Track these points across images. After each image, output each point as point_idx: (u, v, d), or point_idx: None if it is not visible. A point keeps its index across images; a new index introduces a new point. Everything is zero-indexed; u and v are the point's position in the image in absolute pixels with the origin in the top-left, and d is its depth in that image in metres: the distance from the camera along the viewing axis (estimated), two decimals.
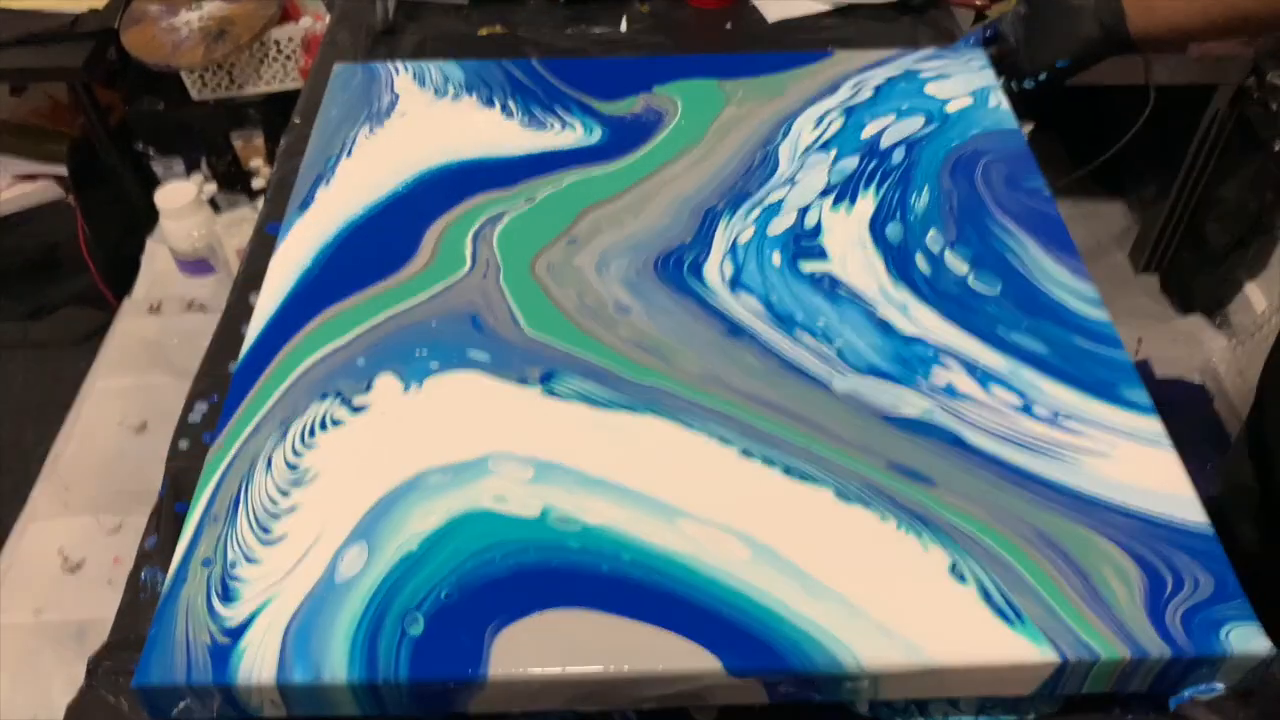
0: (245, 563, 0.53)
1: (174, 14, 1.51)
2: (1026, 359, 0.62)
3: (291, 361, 0.63)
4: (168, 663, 0.49)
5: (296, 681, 0.49)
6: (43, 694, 1.01)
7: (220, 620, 0.51)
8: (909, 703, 0.53)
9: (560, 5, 1.16)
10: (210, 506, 0.56)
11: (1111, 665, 0.49)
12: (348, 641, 0.50)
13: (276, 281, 0.69)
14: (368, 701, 0.50)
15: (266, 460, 0.57)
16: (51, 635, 1.06)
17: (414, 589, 0.51)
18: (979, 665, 0.49)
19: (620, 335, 0.64)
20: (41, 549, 1.16)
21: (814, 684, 0.50)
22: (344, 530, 0.54)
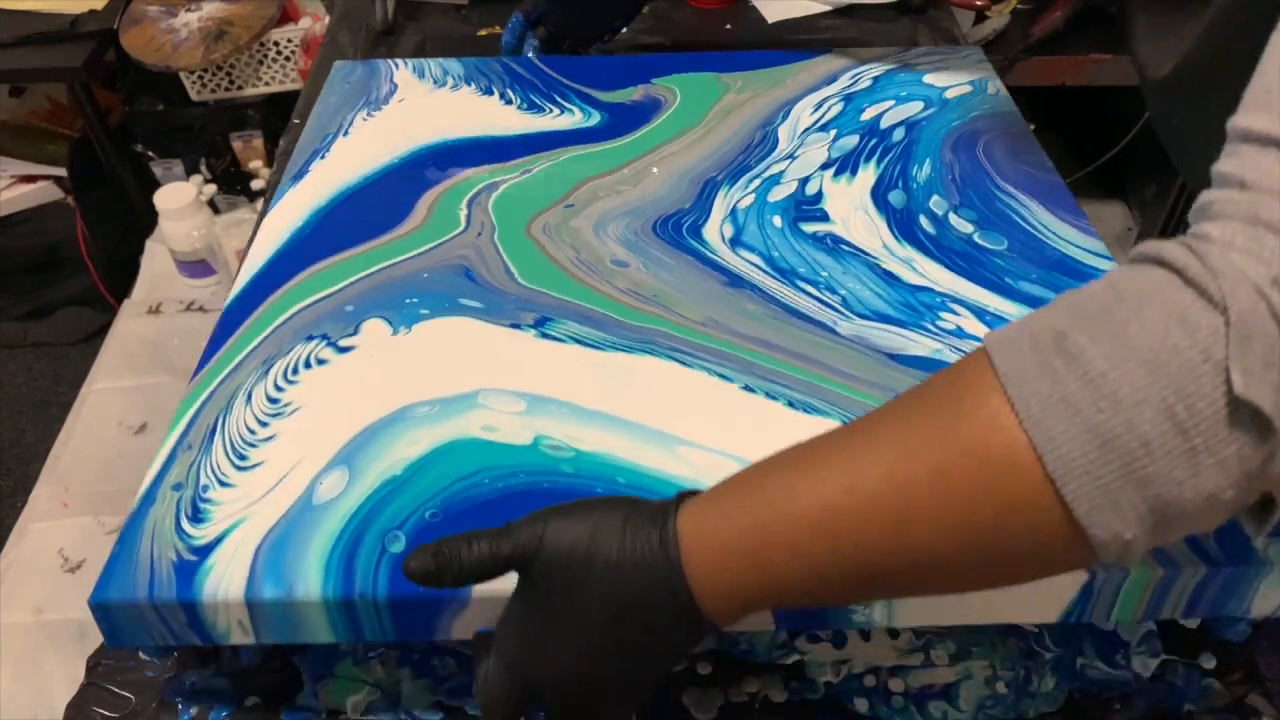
0: (218, 486, 0.51)
1: (173, 15, 1.51)
2: (1038, 305, 0.61)
3: (278, 308, 0.62)
4: (129, 580, 0.47)
5: (266, 598, 0.46)
6: (43, 693, 1.01)
7: (188, 539, 0.48)
8: (908, 702, 0.53)
9: None
10: (184, 436, 0.54)
11: (1142, 583, 0.46)
12: (323, 558, 0.47)
13: (266, 239, 0.68)
14: (342, 623, 0.47)
15: (247, 394, 0.56)
16: (52, 635, 1.06)
17: (396, 510, 0.49)
18: None
19: (617, 286, 0.63)
20: (42, 549, 1.16)
21: (825, 610, 0.48)
22: (324, 456, 0.52)
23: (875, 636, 0.54)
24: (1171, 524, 0.32)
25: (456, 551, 0.40)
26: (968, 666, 0.53)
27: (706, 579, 0.37)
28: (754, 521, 0.37)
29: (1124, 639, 0.53)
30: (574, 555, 0.38)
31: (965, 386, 0.35)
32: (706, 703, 0.52)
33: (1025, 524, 0.33)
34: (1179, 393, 0.30)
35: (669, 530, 0.38)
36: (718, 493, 0.39)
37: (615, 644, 0.39)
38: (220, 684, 0.53)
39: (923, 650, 0.53)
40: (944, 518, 0.34)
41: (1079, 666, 0.53)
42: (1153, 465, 0.31)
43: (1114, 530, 0.32)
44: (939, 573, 0.36)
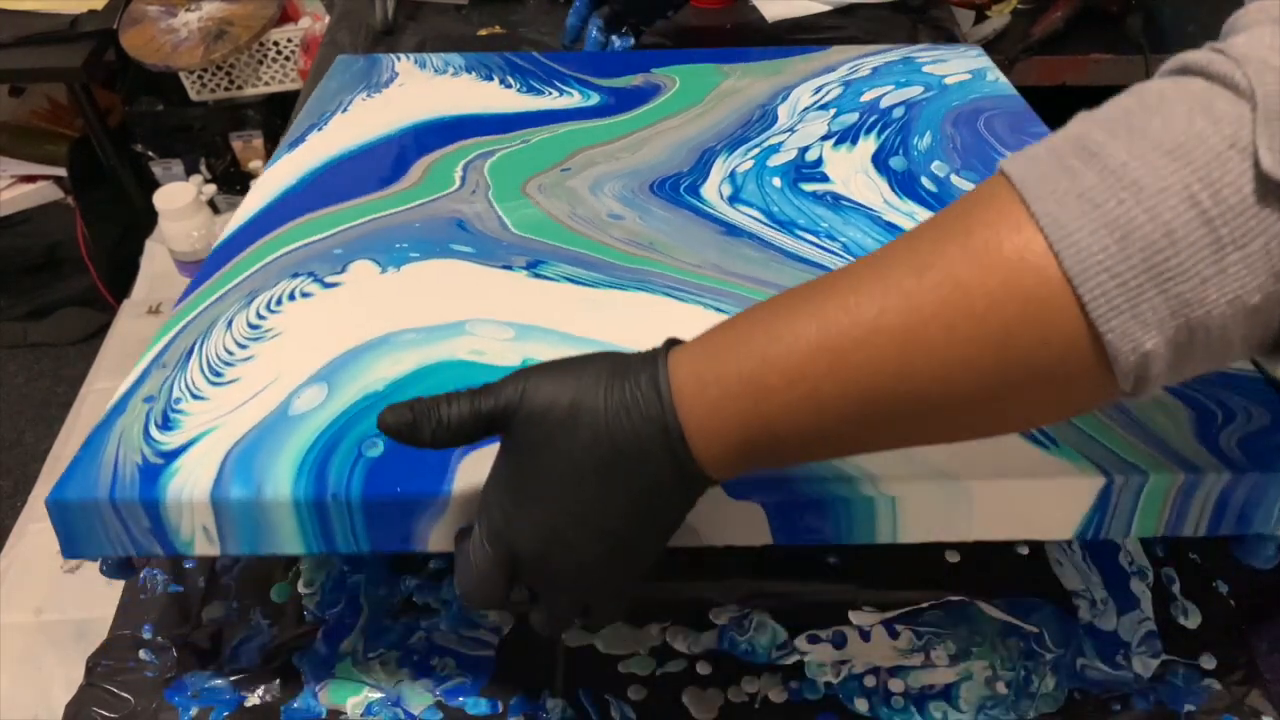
0: (191, 399, 0.49)
1: (173, 15, 1.51)
2: None
3: (265, 249, 0.61)
4: (89, 480, 0.45)
5: (233, 497, 0.44)
6: (42, 693, 1.01)
7: (155, 444, 0.47)
8: (908, 702, 0.53)
9: (560, 5, 1.16)
10: (159, 356, 0.53)
11: (1163, 488, 0.44)
12: (295, 461, 0.45)
13: (258, 195, 0.67)
14: (313, 529, 0.45)
15: (227, 321, 0.55)
16: (51, 635, 1.06)
17: (376, 420, 0.49)
18: (1011, 485, 0.44)
19: (612, 235, 0.62)
20: (41, 549, 1.16)
21: (823, 511, 0.45)
22: (303, 374, 0.50)
23: (875, 637, 0.54)
24: (1195, 337, 0.30)
25: (435, 407, 0.37)
26: (968, 667, 0.53)
27: (699, 413, 0.35)
28: (750, 350, 0.35)
29: (1124, 639, 0.54)
30: (559, 406, 0.36)
31: (977, 200, 0.33)
32: (706, 703, 0.52)
33: (1039, 335, 0.31)
34: (1204, 180, 0.28)
35: (659, 368, 0.36)
36: (710, 332, 0.37)
37: (604, 498, 0.36)
38: (220, 685, 0.53)
39: (923, 650, 0.53)
40: (955, 330, 0.32)
41: (1079, 667, 0.53)
42: (1176, 259, 0.29)
43: (1133, 337, 0.30)
44: (947, 402, 0.33)
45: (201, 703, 0.52)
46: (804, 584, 0.56)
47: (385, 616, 0.56)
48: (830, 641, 0.54)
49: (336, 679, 0.53)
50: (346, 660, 0.53)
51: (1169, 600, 0.56)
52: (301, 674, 0.53)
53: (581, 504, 0.36)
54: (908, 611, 0.55)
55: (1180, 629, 0.54)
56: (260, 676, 0.53)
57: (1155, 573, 0.57)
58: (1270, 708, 0.51)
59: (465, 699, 0.52)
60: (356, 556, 0.59)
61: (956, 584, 0.56)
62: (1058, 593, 0.56)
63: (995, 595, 0.55)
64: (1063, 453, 0.45)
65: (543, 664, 0.53)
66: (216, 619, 0.56)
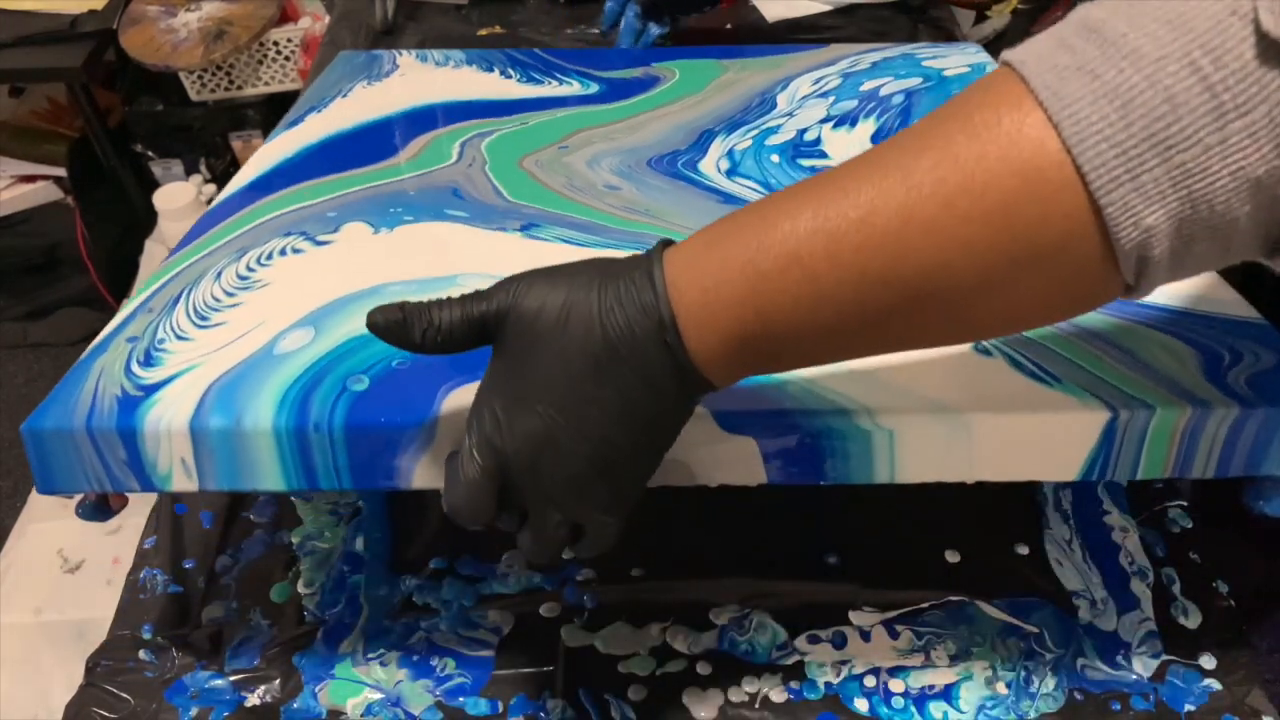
0: (175, 340, 0.49)
1: (173, 15, 1.51)
2: None
3: (258, 212, 0.61)
4: (66, 410, 0.44)
5: (213, 427, 0.43)
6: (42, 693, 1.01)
7: (136, 379, 0.46)
8: (908, 703, 0.53)
9: (560, 5, 1.16)
10: (146, 302, 0.52)
11: (1169, 423, 0.43)
12: (278, 394, 0.44)
13: (252, 167, 0.67)
14: (295, 463, 0.44)
15: (217, 273, 0.54)
16: (51, 635, 1.06)
17: (362, 359, 0.46)
18: (1014, 420, 0.43)
19: (609, 203, 0.62)
20: (41, 549, 1.16)
21: (818, 447, 0.44)
22: (290, 318, 0.50)
23: (875, 637, 0.54)
24: (1198, 212, 0.29)
25: (426, 309, 0.37)
26: (968, 667, 0.53)
27: (693, 303, 0.34)
28: (745, 237, 0.34)
29: (1124, 639, 0.54)
30: (551, 307, 0.35)
31: (978, 86, 0.32)
32: (706, 703, 0.52)
33: (1039, 211, 0.30)
34: (1204, 46, 0.28)
35: (653, 262, 0.35)
36: (706, 227, 0.36)
37: (597, 399, 0.35)
38: (220, 685, 0.53)
39: (923, 651, 0.53)
40: (953, 208, 0.31)
41: (1079, 667, 0.53)
42: (1177, 125, 0.28)
43: (1134, 210, 0.29)
44: (946, 288, 0.32)
45: (201, 703, 0.52)
46: (804, 584, 0.56)
47: (385, 616, 0.56)
48: (830, 641, 0.54)
49: (336, 679, 0.53)
50: (346, 660, 0.53)
51: (1169, 600, 0.56)
52: (301, 674, 0.53)
53: (573, 405, 0.35)
54: (908, 612, 0.55)
55: (1180, 629, 0.54)
56: (260, 676, 0.53)
57: (1155, 573, 0.57)
58: (1270, 708, 0.51)
59: (465, 699, 0.52)
60: (356, 557, 0.59)
61: (956, 584, 0.56)
62: (1058, 593, 0.56)
63: (995, 595, 0.55)
64: (1066, 389, 0.44)
65: (543, 664, 0.53)
66: (216, 619, 0.56)
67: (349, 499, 0.62)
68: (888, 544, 0.58)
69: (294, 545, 0.60)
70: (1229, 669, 0.52)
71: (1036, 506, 0.61)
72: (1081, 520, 0.60)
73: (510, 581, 0.57)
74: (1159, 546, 0.58)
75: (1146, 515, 0.60)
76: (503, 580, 0.57)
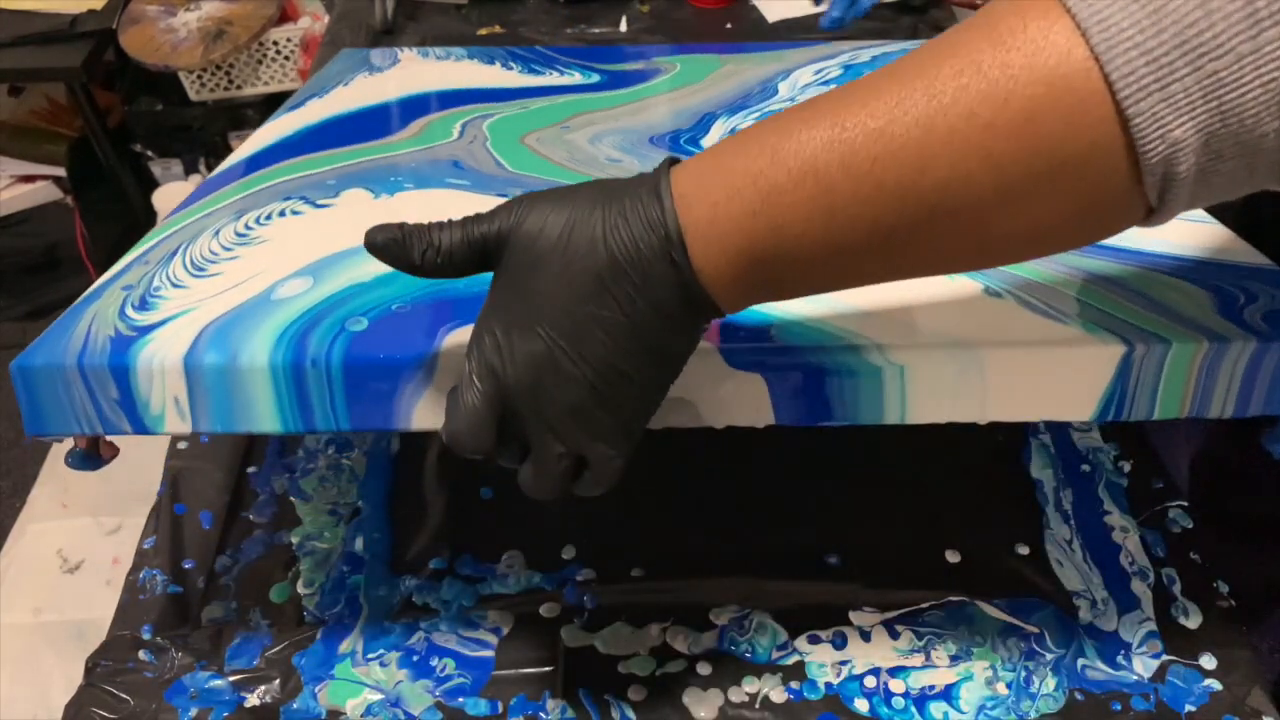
0: (171, 287, 0.48)
1: (172, 14, 1.51)
2: None
3: (258, 180, 0.60)
4: (58, 349, 0.43)
5: (208, 363, 0.42)
6: (41, 693, 1.01)
7: (130, 321, 0.45)
8: (908, 703, 0.53)
9: (560, 5, 1.16)
10: (143, 255, 0.52)
11: (1187, 358, 0.42)
12: (275, 332, 0.43)
13: (251, 144, 0.67)
14: (291, 402, 0.43)
15: (215, 231, 0.53)
16: (50, 635, 1.06)
17: (361, 303, 0.45)
18: (1027, 355, 0.42)
19: (611, 174, 0.62)
20: (41, 549, 1.16)
21: (827, 384, 0.42)
22: (288, 268, 0.49)
23: (875, 637, 0.54)
24: (1227, 127, 0.28)
25: (427, 230, 0.36)
26: (968, 667, 0.52)
27: (702, 217, 0.33)
28: (759, 148, 0.32)
29: (1125, 640, 0.54)
30: (554, 226, 0.34)
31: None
32: (706, 703, 0.52)
33: (1064, 122, 0.29)
34: None
35: (661, 177, 0.33)
36: (718, 142, 0.34)
37: (600, 319, 0.33)
38: (219, 685, 0.53)
39: (923, 651, 0.53)
40: (975, 117, 0.30)
41: (1080, 667, 0.52)
42: (1210, 32, 0.27)
43: (1162, 121, 0.28)
44: (966, 204, 0.31)
45: (201, 703, 0.52)
46: (804, 584, 0.56)
47: (385, 617, 0.55)
48: (830, 642, 0.54)
49: (336, 680, 0.53)
50: (346, 661, 0.53)
51: (1170, 600, 0.56)
52: (301, 675, 0.53)
53: (576, 327, 0.34)
54: (908, 612, 0.55)
55: (1181, 629, 0.54)
56: (260, 677, 0.53)
57: (1156, 573, 0.57)
58: (1271, 708, 0.51)
59: (465, 699, 0.52)
60: (355, 557, 0.59)
61: (957, 584, 0.56)
62: (1058, 593, 0.56)
63: (995, 595, 0.55)
64: (1079, 325, 0.42)
65: (543, 664, 0.53)
66: (216, 619, 0.56)
67: (348, 499, 0.62)
68: (888, 544, 0.58)
69: (294, 545, 0.60)
70: (1229, 669, 0.52)
71: (1037, 506, 0.61)
72: (1082, 520, 0.60)
73: (510, 581, 0.57)
74: (1159, 547, 0.58)
75: (1147, 515, 0.60)
76: (503, 580, 0.57)
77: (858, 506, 0.61)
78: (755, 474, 0.63)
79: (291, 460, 0.65)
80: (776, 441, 0.64)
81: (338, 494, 0.63)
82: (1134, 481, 0.62)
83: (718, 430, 0.65)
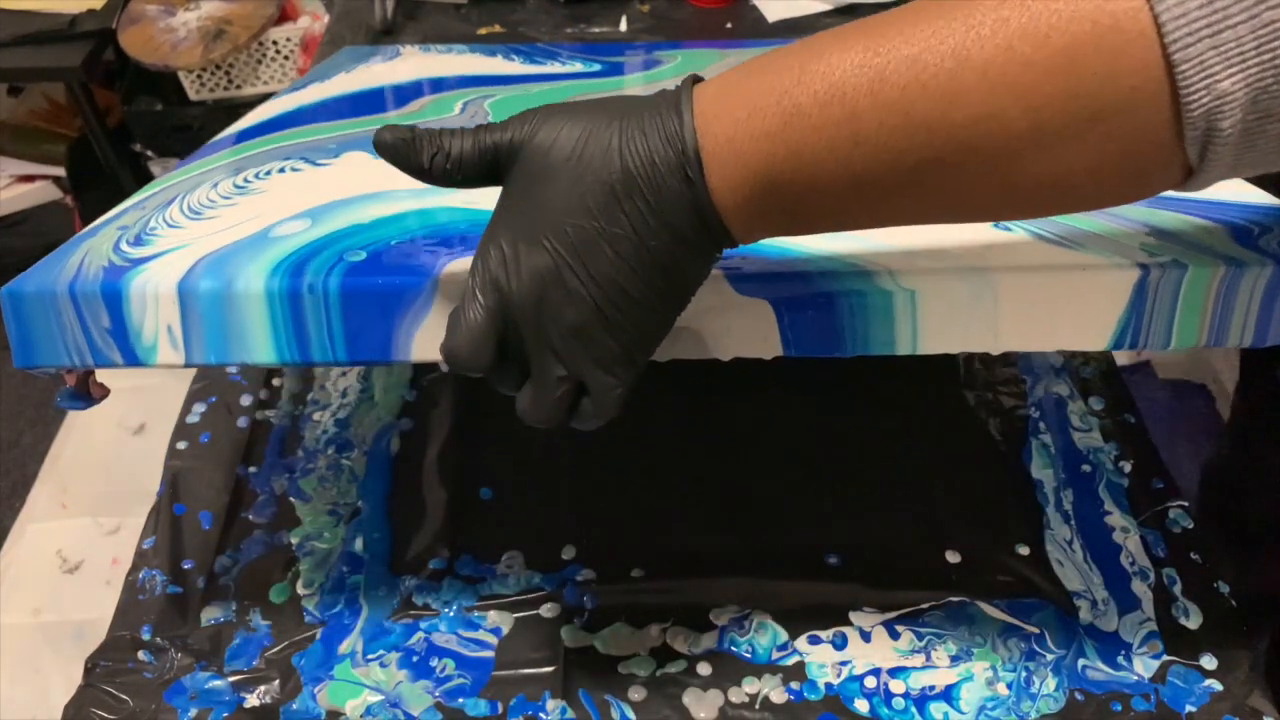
0: (167, 228, 0.47)
1: (172, 14, 1.51)
2: None
3: (261, 144, 0.60)
4: (50, 276, 0.42)
5: (202, 289, 0.41)
6: (41, 694, 1.01)
7: (125, 254, 0.44)
8: (908, 703, 0.53)
9: (560, 5, 1.16)
10: (140, 202, 0.51)
11: (1204, 282, 0.41)
12: (271, 263, 0.42)
13: (253, 117, 0.67)
14: (287, 330, 0.42)
15: (213, 183, 0.53)
16: (50, 635, 1.06)
17: (360, 240, 0.44)
18: (1041, 279, 0.41)
19: None
20: (40, 550, 1.16)
21: (837, 311, 0.41)
22: (287, 212, 0.48)
23: (876, 637, 0.54)
24: (1279, 84, 0.26)
25: (437, 134, 0.35)
26: (968, 668, 0.52)
27: (721, 133, 0.31)
28: (787, 65, 0.31)
29: (1125, 640, 0.53)
30: (569, 137, 0.33)
31: None
32: (706, 703, 0.51)
33: (1107, 64, 0.27)
34: None
35: (682, 92, 0.32)
36: (746, 61, 0.33)
37: (609, 235, 0.32)
38: (219, 686, 0.53)
39: (923, 651, 0.53)
40: (1013, 52, 0.28)
41: (1080, 668, 0.52)
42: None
43: (1210, 70, 0.26)
44: (996, 145, 0.29)
45: (200, 704, 0.52)
46: (804, 584, 0.56)
47: (385, 617, 0.55)
48: (831, 642, 0.54)
49: (335, 680, 0.53)
50: (345, 661, 0.53)
51: (1170, 601, 0.56)
52: (300, 675, 0.53)
53: (584, 243, 0.33)
54: (908, 612, 0.55)
55: (1181, 630, 0.54)
56: (259, 677, 0.53)
57: (1156, 573, 0.57)
58: (1271, 708, 0.51)
59: (465, 700, 0.52)
60: (355, 557, 0.59)
61: (957, 584, 0.56)
62: (1059, 593, 0.56)
63: (996, 596, 0.55)
64: (1092, 251, 0.42)
65: (543, 664, 0.53)
66: (216, 620, 0.56)
67: (348, 499, 0.62)
68: (888, 544, 0.58)
69: (293, 546, 0.59)
70: (1230, 669, 0.52)
71: (1037, 506, 0.61)
72: (1082, 520, 0.60)
73: (510, 581, 0.57)
74: (1160, 547, 0.58)
75: (1147, 515, 0.60)
76: (503, 580, 0.57)
77: (858, 506, 0.60)
78: (755, 474, 0.63)
79: (291, 460, 0.65)
80: (777, 441, 0.65)
81: (337, 494, 0.63)
82: (1134, 481, 0.62)
83: (718, 428, 0.66)
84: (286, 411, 0.68)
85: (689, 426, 0.65)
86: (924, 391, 0.68)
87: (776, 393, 0.67)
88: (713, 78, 0.33)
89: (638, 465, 0.63)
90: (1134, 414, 0.67)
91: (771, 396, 0.67)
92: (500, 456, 0.64)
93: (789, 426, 0.65)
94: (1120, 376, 0.70)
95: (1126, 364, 1.45)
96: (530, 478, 0.63)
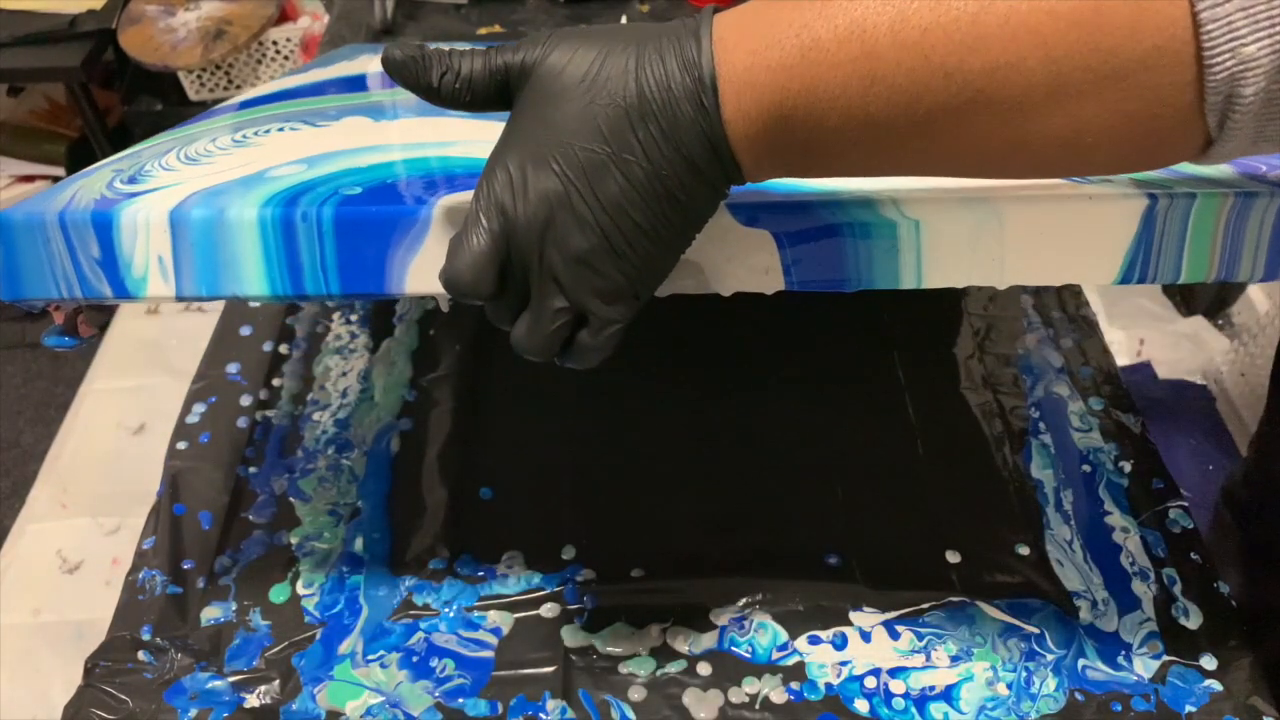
0: (162, 170, 0.46)
1: (172, 14, 1.51)
2: None
3: (260, 110, 0.60)
4: (40, 206, 0.41)
5: (194, 217, 0.40)
6: (41, 694, 1.01)
7: (118, 190, 0.43)
8: (908, 703, 0.53)
9: (560, 5, 1.16)
10: (136, 152, 0.51)
11: (1213, 211, 0.40)
12: (265, 196, 0.41)
13: (253, 92, 0.67)
14: (280, 261, 0.41)
15: (212, 138, 0.52)
16: (50, 635, 1.06)
17: (357, 178, 0.43)
18: (1047, 209, 0.40)
19: None
20: (40, 550, 1.16)
21: (840, 242, 0.40)
22: (283, 159, 0.47)
23: (876, 637, 0.54)
24: None
25: (448, 53, 0.34)
26: (968, 668, 0.52)
27: (738, 63, 0.31)
28: (809, 2, 0.31)
29: (1125, 640, 0.53)
30: (584, 58, 0.32)
31: None
32: (706, 703, 0.51)
33: (1130, 19, 0.27)
34: None
35: (703, 19, 0.32)
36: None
37: (619, 161, 0.32)
38: (219, 686, 0.53)
39: (923, 651, 0.53)
40: (1037, 0, 0.28)
41: (1080, 668, 0.52)
42: None
43: (1237, 33, 0.26)
44: (1012, 95, 0.29)
45: (200, 704, 0.52)
46: (804, 584, 0.56)
47: (384, 617, 0.55)
48: (831, 642, 0.54)
49: (335, 681, 0.53)
50: (345, 662, 0.53)
51: (1170, 601, 0.56)
52: (300, 675, 0.53)
53: (594, 167, 0.32)
54: (908, 612, 0.55)
55: (1182, 630, 0.54)
56: (259, 678, 0.53)
57: (1156, 573, 0.57)
58: (1271, 709, 0.51)
59: (465, 700, 0.52)
60: (355, 557, 0.59)
61: (957, 584, 0.56)
62: (1059, 593, 0.56)
63: (996, 596, 0.55)
64: (1099, 183, 0.41)
65: (543, 664, 0.53)
66: (215, 620, 0.56)
67: (348, 499, 0.62)
68: (888, 544, 0.58)
69: (293, 546, 0.59)
70: (1230, 670, 0.52)
71: (1037, 506, 0.61)
72: (1082, 520, 0.60)
73: (510, 581, 0.57)
74: (1160, 547, 0.58)
75: (1147, 516, 0.60)
76: (503, 580, 0.57)
77: (858, 506, 0.60)
78: (755, 474, 0.63)
79: (291, 460, 0.65)
80: (777, 441, 0.65)
81: (337, 494, 0.63)
82: (1134, 481, 0.62)
83: (718, 429, 0.65)
84: (286, 411, 0.68)
85: (689, 426, 0.65)
86: (924, 391, 0.68)
87: (777, 393, 0.67)
88: (734, 9, 0.33)
89: (638, 465, 0.63)
90: (1134, 414, 0.67)
91: (772, 396, 0.67)
92: (500, 456, 0.64)
93: (789, 427, 0.65)
94: (1120, 376, 0.70)
95: (1126, 364, 1.45)
96: (530, 478, 0.63)
